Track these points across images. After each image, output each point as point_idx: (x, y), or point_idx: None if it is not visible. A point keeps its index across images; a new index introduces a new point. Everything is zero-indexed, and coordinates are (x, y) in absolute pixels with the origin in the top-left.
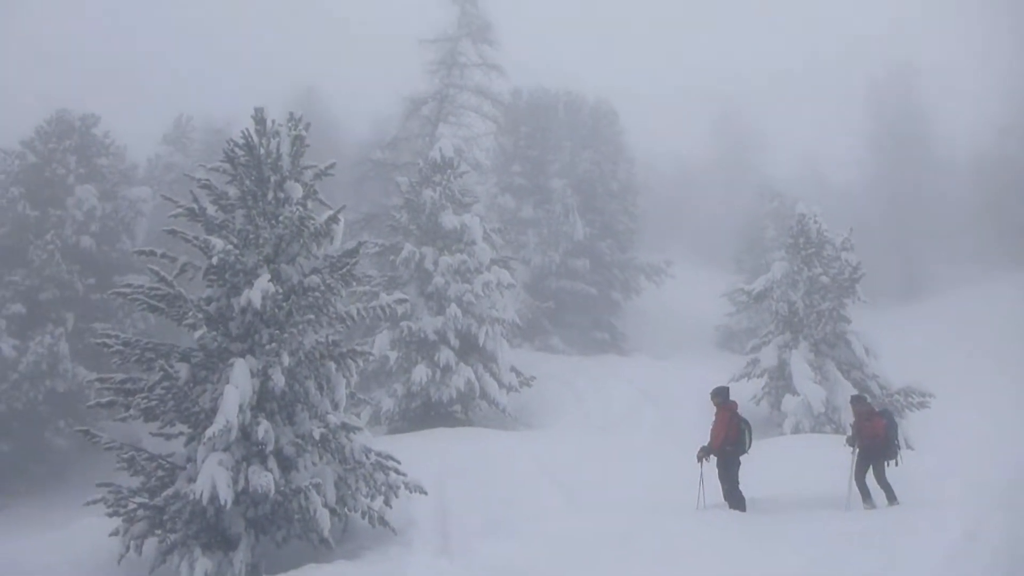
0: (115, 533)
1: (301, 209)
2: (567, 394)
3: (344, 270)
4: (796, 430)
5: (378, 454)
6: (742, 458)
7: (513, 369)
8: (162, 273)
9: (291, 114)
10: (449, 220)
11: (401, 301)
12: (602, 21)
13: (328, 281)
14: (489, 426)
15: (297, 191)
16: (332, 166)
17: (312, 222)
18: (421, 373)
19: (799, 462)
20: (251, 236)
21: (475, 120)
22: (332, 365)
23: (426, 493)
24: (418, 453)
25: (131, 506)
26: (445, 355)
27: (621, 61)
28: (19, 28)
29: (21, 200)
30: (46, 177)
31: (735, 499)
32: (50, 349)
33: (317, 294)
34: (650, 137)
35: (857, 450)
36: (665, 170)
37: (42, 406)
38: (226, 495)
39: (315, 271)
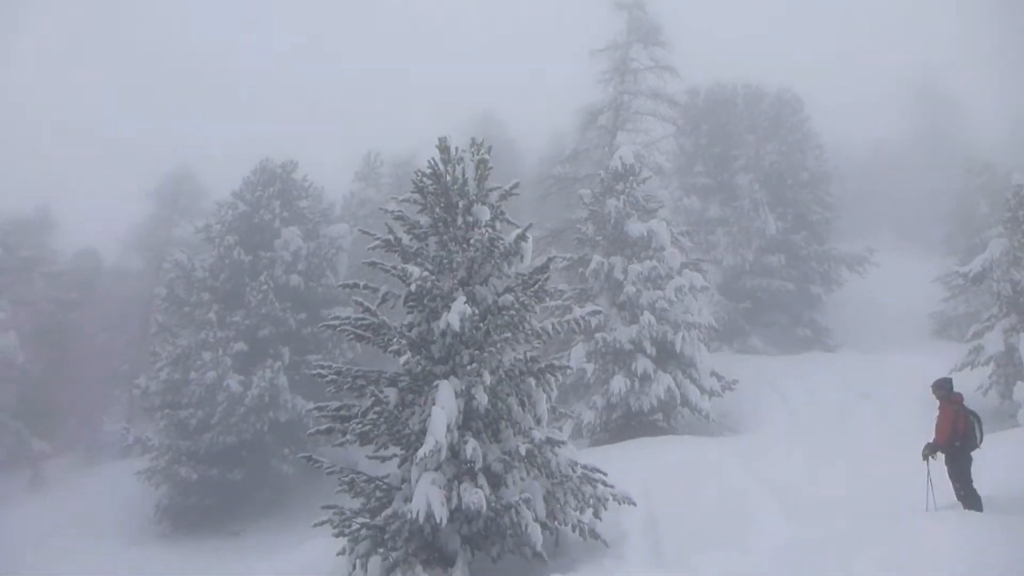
0: (342, 552)
1: (490, 230)
2: (772, 395)
3: (536, 287)
4: None
5: (584, 467)
6: (973, 454)
7: (714, 373)
8: (366, 304)
9: (472, 139)
10: (635, 228)
11: (594, 313)
12: (772, 3)
13: (521, 299)
14: (693, 433)
15: (485, 213)
16: (516, 186)
17: (501, 242)
18: (619, 384)
19: None
20: (445, 261)
21: (653, 124)
22: (532, 381)
23: (635, 504)
24: (623, 464)
25: (354, 526)
26: (642, 364)
27: (798, 43)
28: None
29: (236, 247)
30: (255, 223)
31: (970, 498)
32: (271, 382)
33: (512, 312)
34: (839, 121)
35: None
36: (858, 155)
37: (267, 436)
38: (441, 513)
39: (508, 290)
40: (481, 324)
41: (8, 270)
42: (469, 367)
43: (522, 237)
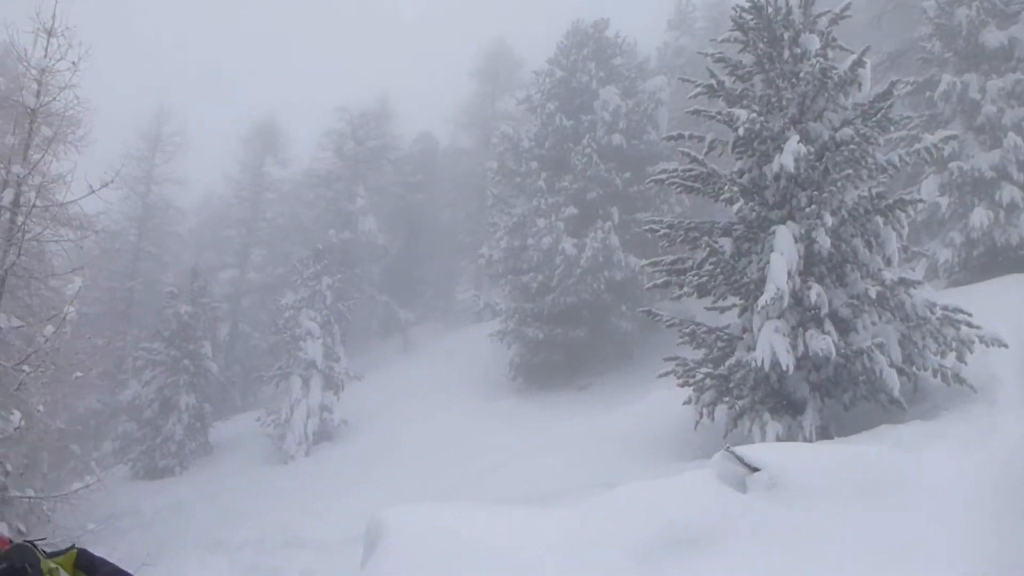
0: (688, 402)
1: (821, 61)
2: None
3: (878, 116)
4: None
5: (944, 308)
6: None
7: None
8: (692, 154)
9: None
10: (993, 37)
11: (948, 139)
12: None
13: (862, 131)
14: None
15: (814, 43)
16: (847, 8)
17: (835, 72)
18: (980, 217)
19: None
20: (773, 100)
21: None
22: (879, 219)
23: (1006, 346)
24: (990, 304)
25: (698, 376)
26: (1008, 193)
27: None
28: None
29: (557, 113)
30: (573, 87)
31: None
32: (603, 243)
33: (852, 147)
34: None
35: None
36: None
37: (605, 294)
38: (786, 361)
39: (846, 123)
40: (818, 163)
41: (361, 160)
42: (807, 210)
43: (858, 63)
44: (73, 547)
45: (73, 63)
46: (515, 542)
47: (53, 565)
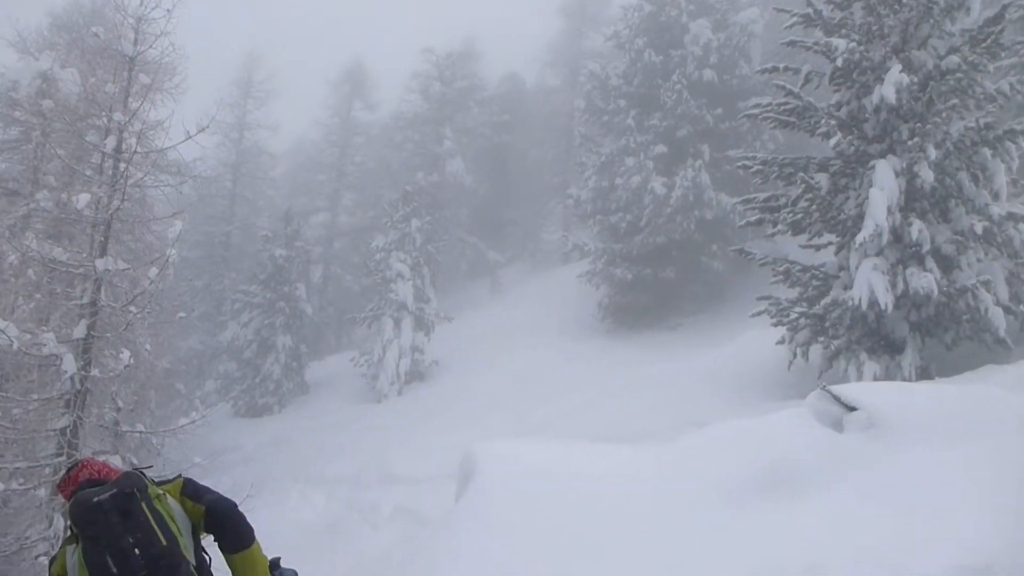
0: (781, 342)
1: None
2: None
3: (987, 42)
4: None
5: None
6: None
7: None
8: (788, 87)
9: None
10: None
11: None
12: None
13: (970, 59)
14: None
15: None
16: None
17: None
18: None
19: None
20: (874, 28)
21: None
22: (987, 151)
23: None
24: None
25: (792, 316)
26: None
27: None
28: None
29: (646, 49)
30: (662, 22)
31: None
32: (693, 181)
33: (959, 75)
34: None
35: None
36: None
37: (695, 234)
38: (885, 299)
39: (953, 50)
40: (921, 94)
41: (448, 102)
42: (909, 143)
43: None
44: (180, 476)
45: (168, 10)
46: (605, 478)
47: (160, 491)
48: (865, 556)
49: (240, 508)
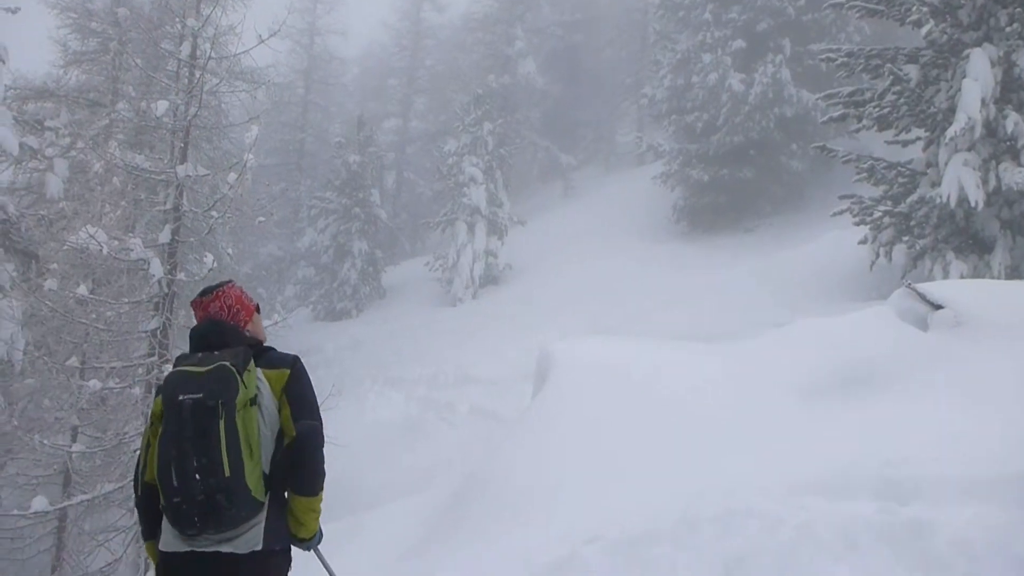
0: (863, 242)
1: None
2: None
3: None
4: None
5: None
6: None
7: None
8: None
9: None
10: None
11: None
12: None
13: None
14: None
15: None
16: None
17: None
18: None
19: None
20: None
21: None
22: None
23: None
24: None
25: (876, 214)
26: None
27: None
28: None
29: None
30: None
31: None
32: (773, 77)
33: None
34: None
35: None
36: None
37: (774, 132)
38: (976, 196)
39: None
40: None
41: (519, 1)
42: (1007, 30)
43: None
44: (294, 364)
45: None
46: (681, 376)
47: (258, 382)
48: (950, 453)
49: (321, 412)
